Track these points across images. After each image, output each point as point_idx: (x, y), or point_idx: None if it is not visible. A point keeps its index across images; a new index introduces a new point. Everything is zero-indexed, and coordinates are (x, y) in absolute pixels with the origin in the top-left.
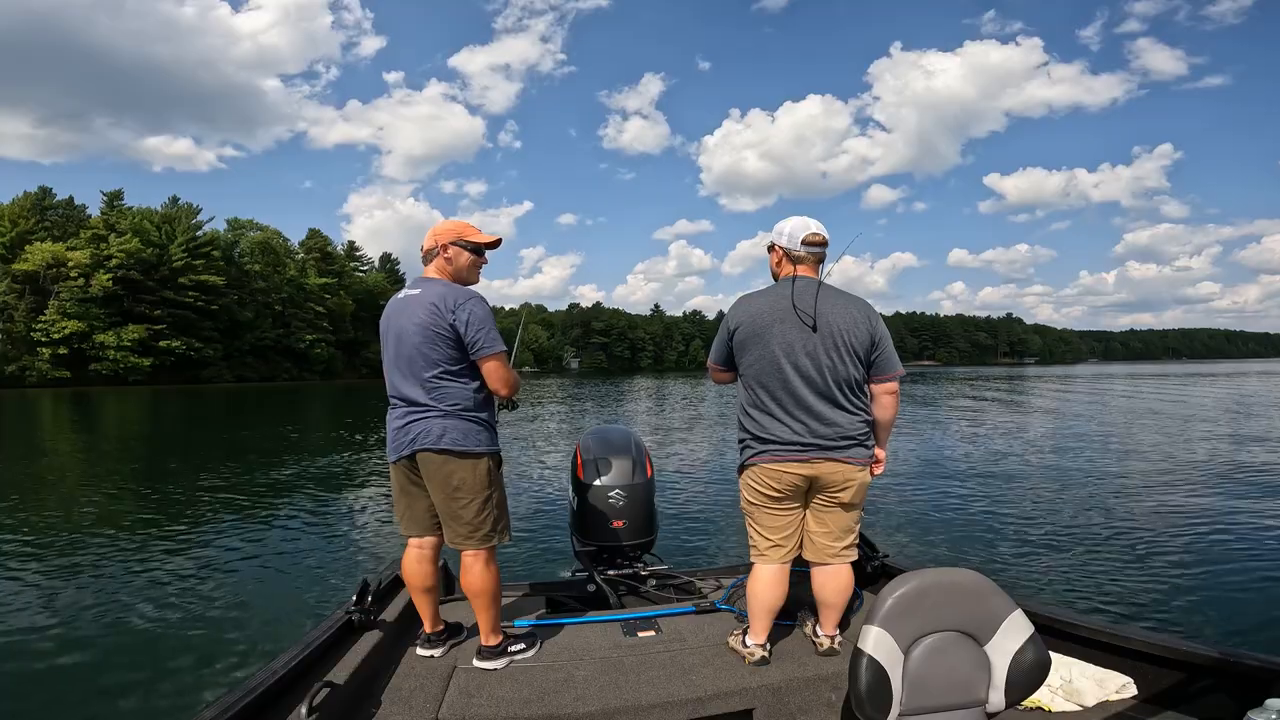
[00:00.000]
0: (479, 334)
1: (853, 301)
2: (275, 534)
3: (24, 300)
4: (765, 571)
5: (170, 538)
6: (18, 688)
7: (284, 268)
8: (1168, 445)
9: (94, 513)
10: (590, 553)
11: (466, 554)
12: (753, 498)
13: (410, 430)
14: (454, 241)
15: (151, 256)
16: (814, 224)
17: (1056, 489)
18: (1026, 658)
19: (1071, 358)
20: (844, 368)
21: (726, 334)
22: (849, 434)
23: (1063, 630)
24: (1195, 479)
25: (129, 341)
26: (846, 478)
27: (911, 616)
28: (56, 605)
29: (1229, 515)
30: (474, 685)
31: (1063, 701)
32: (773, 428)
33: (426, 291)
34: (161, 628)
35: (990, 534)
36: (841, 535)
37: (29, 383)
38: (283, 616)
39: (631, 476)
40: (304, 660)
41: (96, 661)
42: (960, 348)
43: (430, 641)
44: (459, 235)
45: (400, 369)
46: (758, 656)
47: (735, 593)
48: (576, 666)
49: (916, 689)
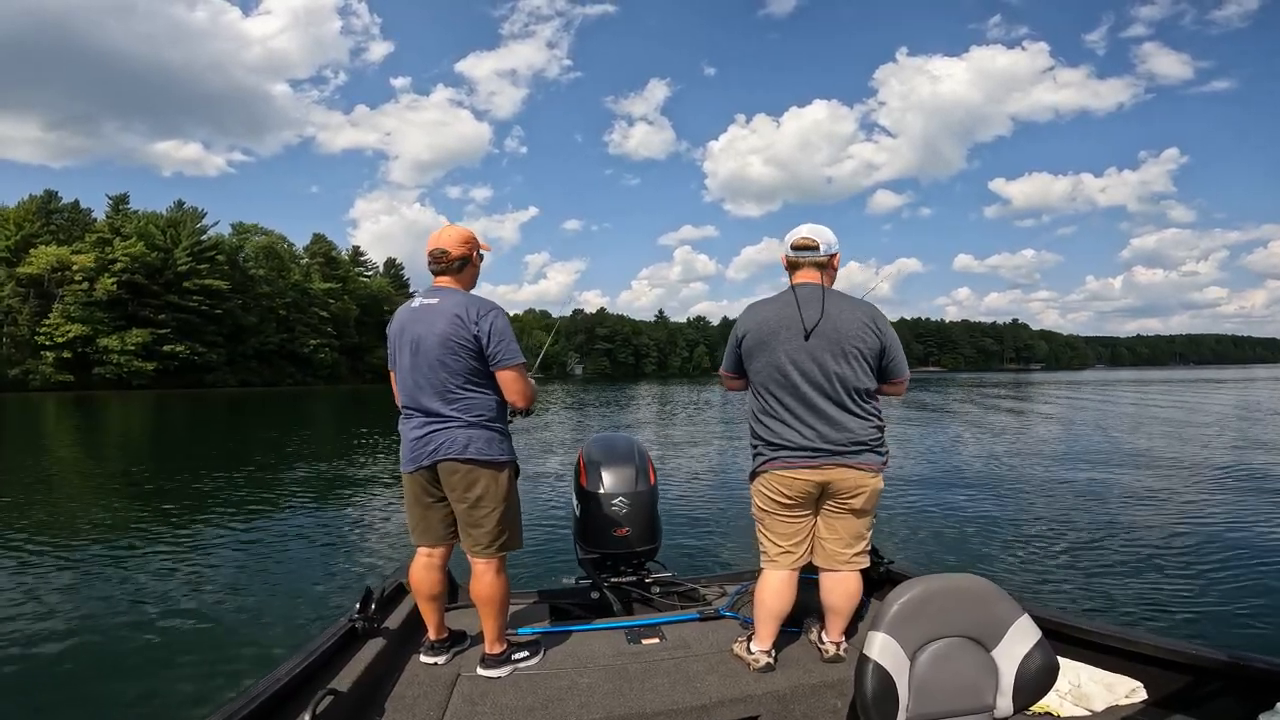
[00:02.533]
0: (500, 345)
1: (859, 306)
2: (278, 541)
3: (28, 304)
4: (775, 578)
5: (173, 544)
6: (22, 694)
7: (288, 272)
8: (1174, 450)
9: (97, 518)
10: (594, 560)
11: (479, 562)
12: (764, 504)
13: (432, 440)
14: (477, 250)
15: (156, 261)
16: (805, 229)
17: (1063, 494)
18: (1034, 663)
19: (1078, 363)
20: (851, 373)
21: (735, 342)
22: (860, 439)
23: (1071, 635)
24: (1202, 483)
25: (133, 346)
26: (858, 483)
27: (917, 622)
28: (60, 611)
29: (1237, 518)
30: (478, 693)
31: (1071, 706)
32: (784, 433)
33: (446, 301)
34: (164, 635)
35: (996, 539)
36: (852, 542)
37: (32, 386)
38: (286, 624)
39: (635, 484)
40: (307, 667)
41: (99, 668)
42: (966, 353)
43: (434, 649)
44: (478, 245)
45: (418, 379)
46: (762, 663)
47: (739, 600)
48: (581, 674)
49: (923, 695)
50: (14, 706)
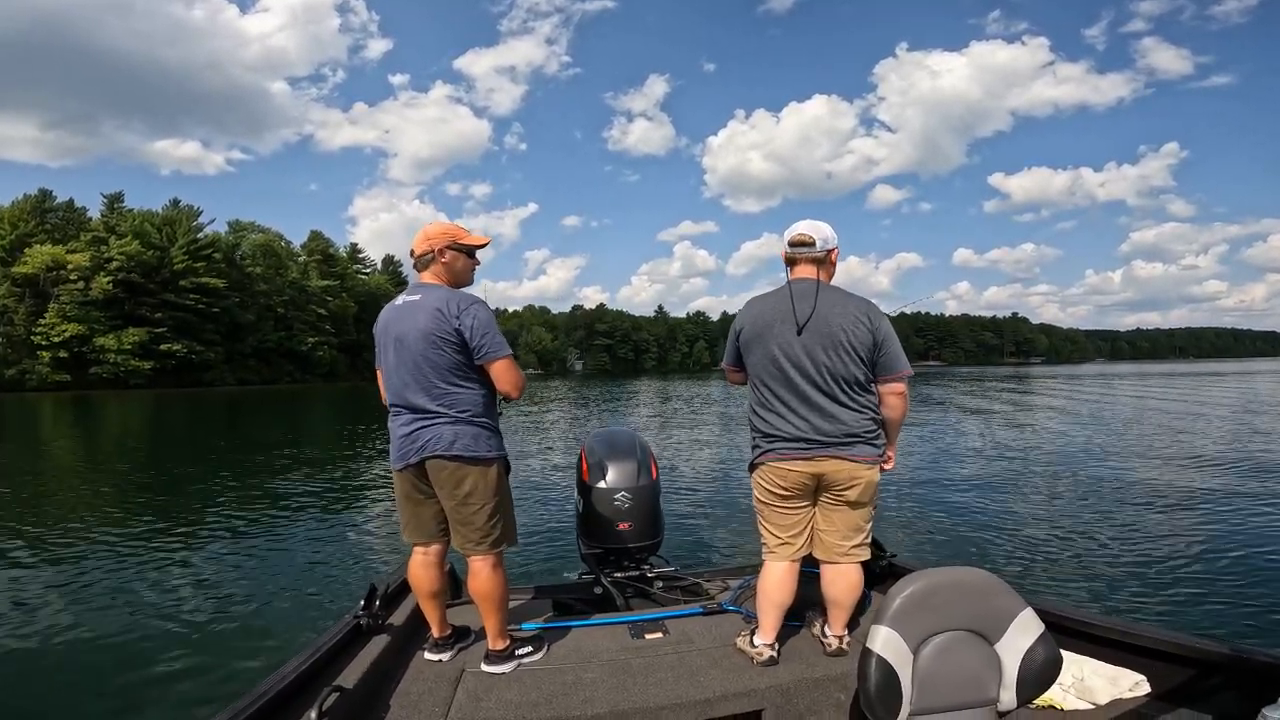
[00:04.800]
0: (484, 338)
1: (853, 301)
2: (282, 539)
3: (24, 303)
4: (776, 569)
5: (176, 543)
6: (25, 693)
7: (286, 270)
8: (1176, 443)
9: (97, 518)
10: (596, 555)
11: (475, 559)
12: (762, 496)
13: (419, 437)
14: (450, 245)
15: (152, 259)
16: (803, 225)
17: (1065, 487)
18: (1037, 656)
19: (1078, 357)
20: (844, 366)
21: (735, 336)
22: (853, 431)
23: (1074, 628)
24: (1205, 477)
25: (129, 345)
26: (852, 475)
27: (920, 616)
28: (62, 611)
29: (1241, 512)
30: (482, 689)
31: (1075, 700)
32: (778, 424)
33: (428, 297)
34: (168, 633)
35: (999, 532)
36: (850, 534)
37: (29, 386)
38: (291, 621)
39: (637, 478)
40: (313, 664)
41: (103, 668)
42: (966, 348)
43: (438, 646)
44: (453, 239)
45: (403, 376)
46: (766, 657)
47: (742, 594)
48: (584, 669)
49: (926, 688)
50: (18, 706)
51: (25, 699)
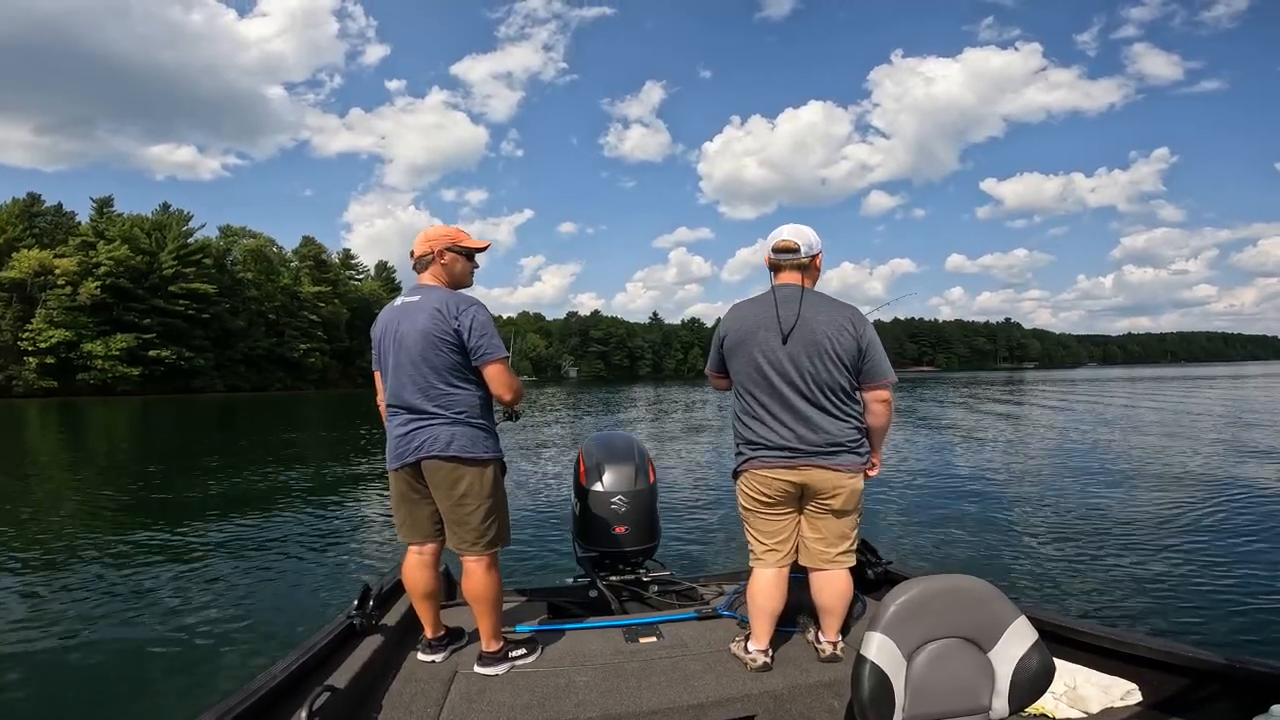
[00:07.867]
0: (482, 339)
1: (838, 308)
2: (276, 540)
3: (10, 309)
4: (764, 576)
5: (168, 547)
6: (18, 697)
7: (277, 276)
8: (1169, 451)
9: (86, 523)
10: (592, 558)
11: (469, 559)
12: (747, 503)
13: (415, 438)
14: (449, 248)
15: (141, 264)
16: (787, 230)
17: (1059, 495)
18: (1030, 664)
19: (1071, 362)
20: (828, 374)
21: (718, 342)
22: (838, 440)
23: (1067, 637)
24: (1197, 484)
25: (117, 351)
26: (836, 485)
27: (914, 623)
28: (53, 615)
29: (1234, 521)
30: (475, 691)
31: (1067, 708)
32: (762, 432)
33: (427, 298)
34: (161, 635)
35: (993, 540)
36: (835, 541)
37: (15, 393)
38: (284, 621)
39: (634, 482)
40: (305, 664)
41: (95, 670)
42: (959, 353)
43: (431, 647)
44: (453, 241)
45: (401, 376)
46: (759, 663)
47: (737, 599)
48: (578, 672)
49: (919, 696)
50: (16, 707)
51: (20, 700)
